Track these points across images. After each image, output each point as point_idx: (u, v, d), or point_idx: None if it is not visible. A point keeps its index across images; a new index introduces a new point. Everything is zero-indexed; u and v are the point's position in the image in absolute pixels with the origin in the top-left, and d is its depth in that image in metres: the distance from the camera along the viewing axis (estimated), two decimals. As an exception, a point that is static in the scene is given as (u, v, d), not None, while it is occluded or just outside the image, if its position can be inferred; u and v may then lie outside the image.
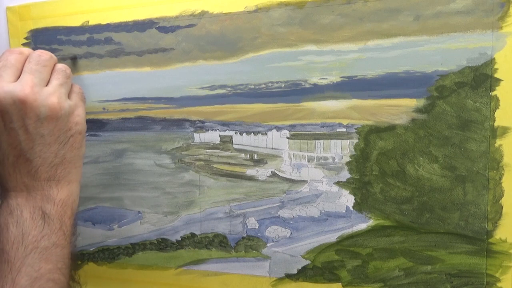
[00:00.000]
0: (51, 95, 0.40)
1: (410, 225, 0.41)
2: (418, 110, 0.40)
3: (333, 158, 0.43)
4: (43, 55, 0.41)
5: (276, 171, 0.45)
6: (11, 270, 0.37)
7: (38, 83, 0.39)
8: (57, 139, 0.40)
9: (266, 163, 0.45)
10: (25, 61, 0.41)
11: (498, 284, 0.39)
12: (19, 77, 0.40)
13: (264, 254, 0.46)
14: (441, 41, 0.38)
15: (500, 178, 0.38)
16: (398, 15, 0.39)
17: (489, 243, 0.39)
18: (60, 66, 0.43)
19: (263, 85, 0.44)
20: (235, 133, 0.46)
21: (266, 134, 0.45)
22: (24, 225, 0.39)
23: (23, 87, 0.38)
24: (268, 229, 0.46)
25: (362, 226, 0.42)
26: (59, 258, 0.40)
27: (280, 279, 0.46)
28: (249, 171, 0.46)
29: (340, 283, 0.44)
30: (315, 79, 0.42)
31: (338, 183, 0.43)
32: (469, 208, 0.39)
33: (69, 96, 0.43)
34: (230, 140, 0.46)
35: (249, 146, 0.46)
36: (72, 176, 0.42)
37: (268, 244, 0.46)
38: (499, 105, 0.37)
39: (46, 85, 0.41)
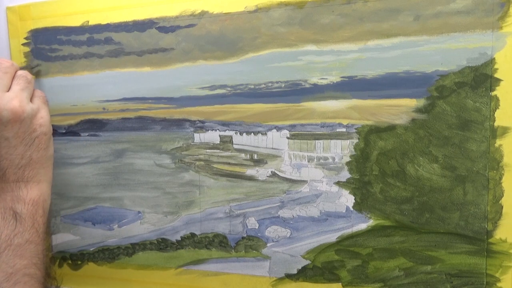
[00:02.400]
0: (13, 99, 0.41)
1: (410, 225, 0.41)
2: (418, 110, 0.40)
3: (333, 158, 0.43)
4: (4, 62, 0.43)
5: (276, 171, 0.45)
6: None
7: None
8: (22, 141, 0.41)
9: (266, 163, 0.45)
10: None
11: (498, 284, 0.39)
12: None
13: (264, 254, 0.46)
14: (441, 41, 0.38)
15: (500, 178, 0.38)
16: (398, 15, 0.39)
17: (489, 243, 0.39)
18: (21, 72, 0.44)
19: (263, 85, 0.44)
20: (235, 133, 0.46)
21: (266, 134, 0.45)
22: None
23: None
24: (268, 229, 0.46)
25: (362, 226, 0.42)
26: (33, 254, 0.41)
27: (280, 279, 0.46)
28: (249, 171, 0.46)
29: (340, 283, 0.44)
30: (315, 79, 0.42)
31: (338, 183, 0.43)
32: (469, 208, 0.39)
33: (31, 100, 0.44)
34: (230, 140, 0.46)
35: (249, 146, 0.46)
36: (41, 177, 0.44)
37: (268, 244, 0.46)
38: (499, 105, 0.37)
39: (8, 91, 0.42)
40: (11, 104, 0.41)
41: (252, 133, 0.45)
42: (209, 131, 0.47)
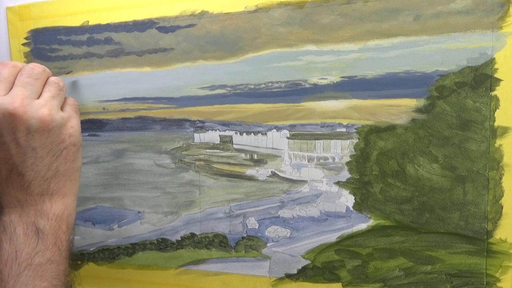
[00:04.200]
0: (42, 107, 0.39)
1: (410, 225, 0.41)
2: (418, 110, 0.40)
3: (333, 158, 0.43)
4: (36, 68, 0.41)
5: (276, 171, 0.45)
6: None
7: (29, 95, 0.39)
8: (49, 151, 0.40)
9: (266, 163, 0.45)
10: (18, 74, 0.40)
11: (498, 284, 0.39)
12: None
13: (264, 254, 0.46)
14: (441, 41, 0.38)
15: (500, 178, 0.38)
16: (398, 15, 0.39)
17: (489, 243, 0.39)
18: (53, 78, 0.42)
19: (263, 85, 0.44)
20: (235, 133, 0.46)
21: (266, 134, 0.45)
22: (18, 242, 0.38)
23: (13, 100, 0.38)
24: (268, 229, 0.46)
25: (362, 226, 0.42)
26: (54, 275, 0.39)
27: (280, 279, 0.46)
28: (249, 171, 0.46)
29: (340, 283, 0.44)
30: (315, 79, 0.42)
31: (338, 183, 0.43)
32: (469, 208, 0.39)
33: (62, 108, 0.42)
34: (230, 140, 0.46)
35: (249, 146, 0.46)
36: (66, 190, 0.41)
37: (268, 244, 0.46)
38: (499, 105, 0.37)
39: (38, 98, 0.40)
40: (40, 112, 0.39)
41: (252, 133, 0.45)
42: (209, 131, 0.47)
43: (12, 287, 0.37)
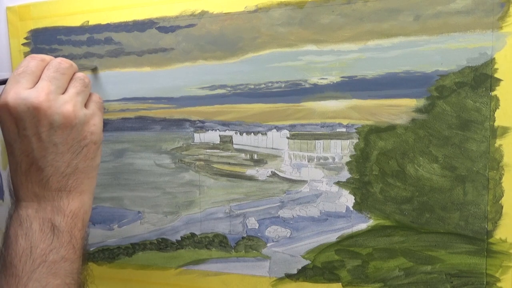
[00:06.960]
0: (66, 103, 0.39)
1: (410, 225, 0.41)
2: (418, 110, 0.40)
3: (333, 158, 0.43)
4: (63, 63, 0.40)
5: (276, 171, 0.45)
6: (17, 285, 0.36)
7: (54, 90, 0.39)
8: (70, 148, 0.39)
9: (266, 163, 0.45)
10: (45, 68, 0.40)
11: (498, 284, 0.39)
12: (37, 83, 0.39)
13: (264, 254, 0.46)
14: (441, 41, 0.38)
15: (500, 178, 0.38)
16: (398, 15, 0.39)
17: (489, 243, 0.39)
18: (79, 74, 0.42)
19: (263, 85, 0.44)
20: (235, 133, 0.46)
21: (266, 134, 0.45)
22: (33, 238, 0.38)
23: (38, 94, 0.37)
24: (268, 229, 0.46)
25: (362, 226, 0.42)
26: (68, 273, 0.39)
27: (280, 279, 0.46)
28: (249, 171, 0.46)
29: (340, 283, 0.44)
30: (315, 79, 0.42)
31: (338, 183, 0.43)
32: (469, 208, 0.39)
33: (86, 105, 0.42)
34: (230, 140, 0.46)
35: (249, 146, 0.46)
36: (84, 187, 0.41)
37: (268, 244, 0.46)
38: (499, 105, 0.37)
39: (63, 93, 0.40)
40: (64, 108, 0.38)
41: (252, 133, 0.45)
42: (209, 131, 0.47)
43: (26, 283, 0.36)
